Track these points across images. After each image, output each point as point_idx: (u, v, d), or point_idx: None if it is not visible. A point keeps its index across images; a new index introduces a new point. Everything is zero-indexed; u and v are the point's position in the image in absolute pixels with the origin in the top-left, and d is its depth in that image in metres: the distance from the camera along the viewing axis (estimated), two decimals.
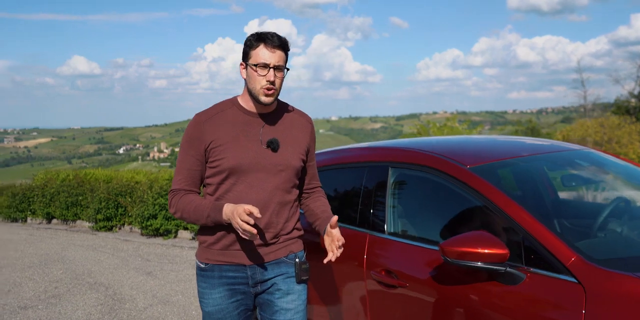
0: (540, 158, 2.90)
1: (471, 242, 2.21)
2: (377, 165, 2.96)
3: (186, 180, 2.24)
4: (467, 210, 2.61)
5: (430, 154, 2.78)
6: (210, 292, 2.27)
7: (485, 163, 2.66)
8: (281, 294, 2.27)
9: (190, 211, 2.19)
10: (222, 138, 2.19)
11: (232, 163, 2.18)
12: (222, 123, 2.22)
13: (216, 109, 2.27)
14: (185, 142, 2.24)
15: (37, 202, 12.20)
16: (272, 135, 2.24)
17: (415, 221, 2.79)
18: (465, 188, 2.53)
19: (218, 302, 2.26)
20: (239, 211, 2.01)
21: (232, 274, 2.25)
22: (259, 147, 2.21)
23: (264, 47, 2.15)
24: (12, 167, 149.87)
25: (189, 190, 2.25)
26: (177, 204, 2.23)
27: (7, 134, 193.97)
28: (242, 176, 2.20)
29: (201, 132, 2.20)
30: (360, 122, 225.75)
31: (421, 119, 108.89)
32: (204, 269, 2.28)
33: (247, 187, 2.20)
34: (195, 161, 2.23)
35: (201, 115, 2.25)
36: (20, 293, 6.04)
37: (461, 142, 3.25)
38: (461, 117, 72.98)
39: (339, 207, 3.12)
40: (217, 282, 2.26)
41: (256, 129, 2.23)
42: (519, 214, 2.31)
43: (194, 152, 2.22)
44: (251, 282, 2.26)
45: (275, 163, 2.22)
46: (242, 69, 2.23)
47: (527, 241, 2.25)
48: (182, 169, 2.25)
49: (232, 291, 2.26)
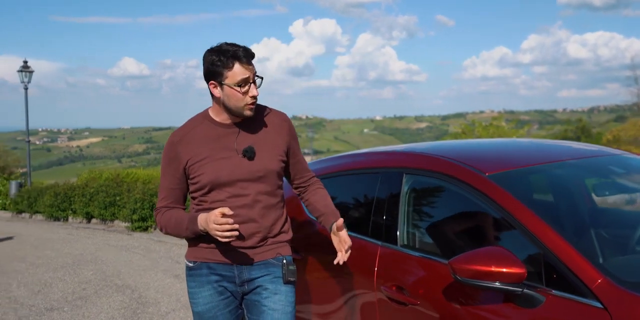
0: (569, 164, 2.64)
1: (484, 259, 1.99)
2: (390, 172, 2.76)
3: (168, 198, 2.32)
4: (484, 223, 2.39)
5: (446, 159, 2.56)
6: (199, 290, 2.30)
7: (506, 170, 2.43)
8: (268, 293, 2.29)
9: (172, 226, 2.28)
10: (197, 155, 2.23)
11: (211, 178, 2.22)
12: (196, 140, 2.25)
13: (188, 127, 2.29)
14: (165, 162, 2.30)
15: (78, 201, 12.42)
16: (248, 142, 2.25)
17: (430, 233, 2.57)
18: (482, 198, 2.30)
19: (208, 300, 2.29)
20: (211, 218, 2.05)
21: (221, 272, 2.29)
22: (235, 157, 2.23)
23: (240, 65, 2.13)
24: (65, 165, 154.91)
25: (172, 207, 2.32)
26: (161, 221, 2.31)
27: (60, 134, 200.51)
28: (223, 187, 2.24)
29: (176, 153, 2.25)
30: (405, 121, 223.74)
31: (467, 118, 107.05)
32: (192, 268, 2.32)
33: (230, 196, 2.24)
34: (174, 180, 2.29)
35: (174, 135, 2.29)
36: (48, 294, 6.07)
37: (485, 146, 3.01)
38: (509, 116, 71.43)
39: (350, 216, 2.93)
40: (206, 279, 2.29)
41: (231, 139, 2.25)
42: (539, 228, 2.07)
43: (173, 171, 2.28)
44: (238, 281, 2.29)
45: (253, 170, 2.24)
46: (212, 88, 2.20)
47: (548, 259, 2.01)
48: (164, 188, 2.33)
49: (221, 288, 2.29)
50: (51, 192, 13.54)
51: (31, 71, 17.30)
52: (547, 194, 2.58)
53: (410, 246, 2.55)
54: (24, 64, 17.21)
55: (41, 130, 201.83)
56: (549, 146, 3.02)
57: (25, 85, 17.22)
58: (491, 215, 2.29)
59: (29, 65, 17.24)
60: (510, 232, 2.19)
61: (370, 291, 2.55)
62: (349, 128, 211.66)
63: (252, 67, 2.16)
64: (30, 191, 15.08)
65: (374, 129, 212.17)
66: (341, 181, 3.08)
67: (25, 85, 17.22)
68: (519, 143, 3.11)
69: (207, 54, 2.16)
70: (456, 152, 2.71)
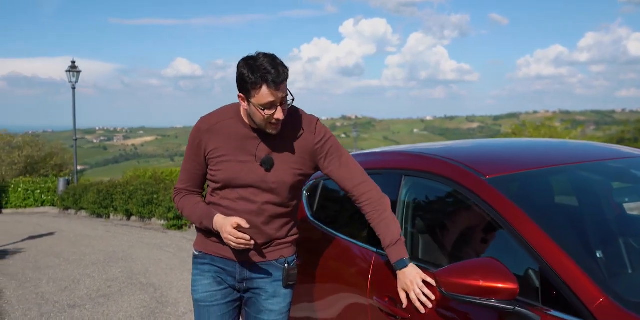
0: (583, 167, 2.38)
1: (471, 272, 1.79)
2: (389, 173, 2.57)
3: (189, 181, 2.35)
4: (481, 231, 2.17)
5: (445, 160, 2.36)
6: (200, 278, 2.35)
7: (509, 173, 2.20)
8: (267, 296, 2.32)
9: (188, 212, 2.34)
10: (219, 149, 2.22)
11: (226, 176, 2.22)
12: (222, 134, 2.22)
13: (218, 117, 2.25)
14: (189, 146, 2.31)
15: (118, 199, 12.62)
16: (268, 151, 2.20)
17: (426, 241, 2.37)
18: (480, 203, 2.09)
19: (207, 289, 2.33)
20: (227, 228, 2.12)
21: (222, 266, 2.32)
22: (253, 163, 2.21)
23: (267, 88, 2.02)
24: (120, 163, 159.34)
25: (191, 190, 2.36)
26: (179, 202, 2.38)
27: (116, 133, 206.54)
28: (235, 188, 2.24)
29: (201, 140, 2.25)
30: (456, 121, 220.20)
31: (520, 118, 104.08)
32: (197, 256, 2.38)
33: (239, 198, 2.24)
34: (196, 165, 2.30)
35: (203, 122, 2.26)
36: (74, 291, 6.12)
37: (496, 146, 2.78)
38: (564, 117, 68.94)
39: (347, 220, 2.76)
40: (207, 268, 2.34)
41: (253, 144, 2.21)
42: (537, 238, 1.86)
43: (196, 157, 2.29)
44: (238, 277, 2.32)
45: (267, 181, 2.21)
46: (241, 100, 2.14)
47: (546, 274, 1.79)
48: (186, 170, 2.35)
49: (220, 280, 2.33)
50: (95, 190, 13.81)
51: (79, 71, 17.72)
52: (555, 200, 2.34)
53: None
54: (71, 64, 17.63)
55: (98, 129, 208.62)
56: (568, 147, 2.76)
57: (73, 85, 17.65)
58: (488, 222, 2.07)
59: (76, 66, 17.66)
60: (507, 243, 1.98)
61: (364, 300, 2.38)
62: (399, 128, 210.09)
63: (282, 91, 2.04)
64: (76, 188, 15.45)
65: (424, 129, 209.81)
66: None
67: (73, 85, 17.65)
68: (535, 143, 2.86)
69: (241, 64, 2.05)
70: (459, 153, 2.50)
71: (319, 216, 2.91)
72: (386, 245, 2.16)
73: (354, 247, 2.58)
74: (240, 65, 2.05)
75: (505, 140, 2.92)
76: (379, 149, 3.03)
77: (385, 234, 2.16)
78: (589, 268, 1.76)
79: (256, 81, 2.00)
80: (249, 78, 2.01)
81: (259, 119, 2.10)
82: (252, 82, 2.01)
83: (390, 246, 2.15)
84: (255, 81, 2.00)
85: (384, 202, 2.22)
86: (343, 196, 2.89)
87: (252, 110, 2.09)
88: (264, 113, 2.05)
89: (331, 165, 2.25)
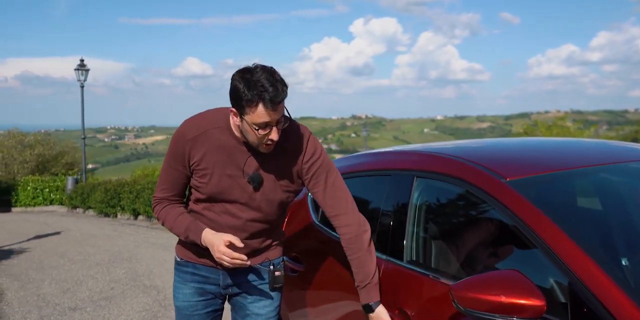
0: (616, 168, 2.19)
1: (492, 286, 1.61)
2: (400, 174, 2.39)
3: (171, 190, 2.18)
4: (501, 239, 1.99)
5: (461, 161, 2.17)
6: (181, 286, 2.27)
7: (532, 175, 2.01)
8: (253, 299, 2.26)
9: (170, 223, 2.19)
10: (205, 161, 2.06)
11: (212, 190, 2.09)
12: (209, 144, 2.05)
13: (205, 125, 2.06)
14: (172, 154, 2.13)
15: (125, 198, 12.51)
16: (256, 167, 2.06)
17: (439, 248, 2.18)
18: (500, 208, 1.90)
19: (187, 298, 2.25)
20: (220, 248, 2.00)
21: (205, 274, 2.23)
22: (240, 179, 2.07)
23: (264, 108, 1.85)
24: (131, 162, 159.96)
25: (173, 200, 2.21)
26: (160, 213, 2.22)
27: (127, 132, 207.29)
28: (220, 202, 2.12)
29: (184, 149, 2.08)
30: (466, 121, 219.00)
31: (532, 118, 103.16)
32: (179, 263, 2.29)
33: (224, 212, 2.13)
34: (180, 175, 2.14)
35: (188, 128, 2.07)
36: (76, 292, 5.99)
37: (515, 145, 2.59)
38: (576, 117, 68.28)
39: None
40: (190, 278, 2.25)
41: (241, 158, 2.06)
42: (566, 248, 1.67)
43: (180, 167, 2.12)
44: (222, 284, 2.24)
45: (254, 198, 2.10)
46: (233, 115, 1.96)
47: (576, 288, 1.60)
48: (167, 180, 2.17)
49: (202, 290, 2.24)
50: (102, 189, 13.73)
51: (87, 69, 17.64)
52: (583, 205, 2.15)
53: (417, 263, 2.17)
54: (80, 62, 17.58)
55: (110, 128, 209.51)
56: (592, 147, 2.56)
57: (82, 83, 17.59)
58: (509, 229, 1.88)
59: (85, 64, 17.59)
60: (531, 252, 1.79)
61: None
62: (409, 128, 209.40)
63: (279, 111, 1.88)
64: (84, 187, 15.38)
65: (435, 129, 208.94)
66: (351, 184, 2.73)
67: (82, 83, 17.59)
68: (557, 143, 2.66)
69: (236, 77, 1.88)
70: (476, 153, 2.31)
71: (325, 220, 2.74)
72: (356, 286, 2.12)
73: None
74: (235, 78, 1.88)
75: (524, 139, 2.73)
76: (388, 148, 2.85)
77: (356, 274, 2.10)
78: (623, 281, 1.58)
79: (252, 99, 1.83)
80: (245, 94, 1.84)
81: (251, 138, 1.96)
82: (247, 100, 1.84)
83: (359, 288, 2.10)
84: (251, 98, 1.83)
85: (363, 238, 2.08)
86: None
87: (244, 127, 1.94)
88: (257, 133, 1.91)
89: (316, 187, 2.11)
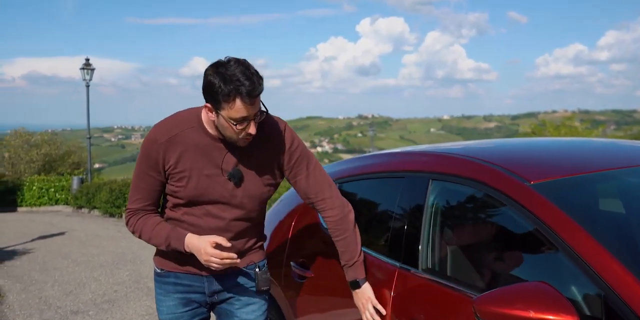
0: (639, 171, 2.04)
1: (519, 299, 1.48)
2: (415, 177, 2.25)
3: (145, 200, 2.08)
4: (525, 248, 1.85)
5: (481, 162, 2.03)
6: (164, 299, 2.17)
7: (558, 178, 1.87)
8: (241, 304, 2.18)
9: (148, 235, 2.08)
10: (181, 164, 2.00)
11: (191, 193, 2.02)
12: (183, 146, 1.99)
13: (177, 127, 2.01)
14: (143, 160, 2.04)
15: None
16: (235, 163, 2.01)
17: (456, 256, 2.04)
18: (524, 213, 1.77)
19: (172, 310, 2.16)
20: (208, 250, 1.91)
21: (188, 282, 2.14)
22: (220, 177, 2.01)
23: (241, 102, 1.81)
24: None
25: (149, 210, 2.10)
26: (135, 225, 2.11)
27: (134, 131, 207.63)
28: (201, 204, 2.05)
29: (158, 154, 2.00)
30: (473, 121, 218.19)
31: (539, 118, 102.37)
32: (159, 274, 2.18)
33: (206, 214, 2.06)
34: (154, 182, 2.05)
35: (160, 132, 2.00)
36: (79, 295, 5.87)
37: (538, 146, 2.44)
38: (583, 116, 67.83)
39: (366, 229, 2.44)
40: (172, 289, 2.15)
41: (219, 155, 2.01)
42: (598, 258, 1.53)
43: (154, 173, 2.03)
44: (208, 292, 2.15)
45: (236, 195, 2.04)
46: (207, 110, 1.91)
47: (611, 302, 1.46)
48: (141, 188, 2.07)
49: (186, 300, 2.16)
50: (107, 188, 13.63)
51: (92, 69, 17.56)
52: (615, 211, 2.01)
53: (433, 271, 2.03)
54: (85, 61, 17.51)
55: (116, 128, 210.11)
56: (621, 148, 2.41)
57: (87, 83, 17.52)
58: (534, 237, 1.75)
59: (90, 63, 17.51)
60: (559, 262, 1.65)
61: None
62: (415, 127, 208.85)
63: (256, 105, 1.85)
64: (89, 187, 15.29)
65: (441, 129, 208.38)
66: (361, 186, 2.60)
67: (87, 83, 17.52)
68: (582, 143, 2.52)
69: (210, 72, 1.83)
70: (497, 154, 2.17)
71: None
72: (343, 265, 2.14)
73: (373, 260, 2.27)
74: (209, 73, 1.83)
75: (539, 139, 2.58)
76: (400, 149, 2.71)
77: (344, 253, 2.13)
78: None
79: (229, 93, 1.79)
80: (221, 89, 1.80)
81: (229, 133, 1.92)
82: (224, 95, 1.80)
83: (346, 266, 2.13)
84: (228, 93, 1.79)
85: (349, 219, 2.12)
86: (360, 201, 2.58)
87: (221, 123, 1.90)
88: (235, 128, 1.87)
89: (298, 175, 2.10)
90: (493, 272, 1.92)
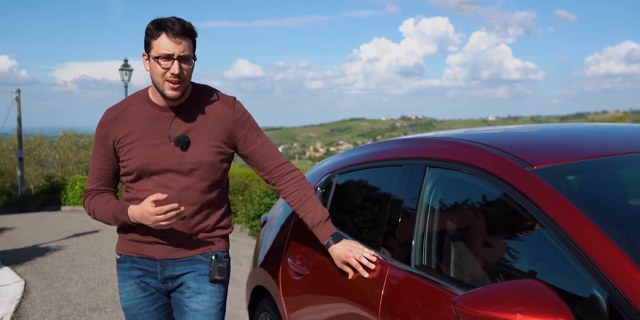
0: None
1: (505, 300, 1.26)
2: (411, 164, 2.04)
3: (99, 180, 2.14)
4: (524, 240, 1.62)
5: (481, 146, 1.81)
6: (124, 285, 2.16)
7: (564, 163, 1.64)
8: (191, 292, 2.09)
9: (100, 213, 2.12)
10: (128, 137, 2.05)
11: (139, 163, 2.04)
12: (129, 120, 2.07)
13: (124, 105, 2.11)
14: (95, 141, 2.14)
15: None
16: (183, 129, 2.04)
17: (455, 252, 1.82)
18: (524, 202, 1.54)
19: (131, 296, 2.14)
20: (150, 210, 1.90)
21: (142, 267, 2.13)
22: (167, 145, 2.03)
23: (166, 37, 1.92)
24: None
25: (102, 190, 2.15)
26: (89, 205, 2.15)
27: None
28: (151, 176, 2.05)
29: (107, 131, 2.08)
30: (520, 122, 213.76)
31: (588, 118, 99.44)
32: (119, 260, 2.19)
33: (156, 186, 2.04)
34: (106, 160, 2.11)
35: (108, 112, 2.12)
36: (100, 292, 5.84)
37: (547, 131, 2.20)
38: (636, 117, 65.64)
39: (359, 223, 2.24)
40: (128, 274, 2.15)
41: (165, 124, 2.04)
42: (603, 252, 1.30)
43: (104, 151, 2.10)
44: (160, 277, 2.11)
45: (184, 162, 2.03)
46: (144, 60, 2.03)
47: (617, 304, 1.23)
48: (95, 168, 2.15)
49: (143, 284, 2.14)
50: None
51: (131, 70, 17.89)
52: (627, 200, 1.75)
53: (426, 268, 1.82)
54: (124, 62, 17.85)
55: None
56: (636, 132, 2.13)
57: (126, 84, 17.86)
58: (534, 227, 1.52)
59: (128, 64, 17.85)
60: (559, 256, 1.41)
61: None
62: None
63: (183, 44, 1.94)
64: None
65: None
66: (356, 176, 2.41)
67: (126, 84, 17.86)
68: (596, 128, 2.25)
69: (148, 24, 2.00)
70: (500, 139, 1.95)
71: (333, 218, 2.42)
72: (316, 223, 2.07)
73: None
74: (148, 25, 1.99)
75: (551, 125, 2.33)
76: (405, 136, 2.50)
77: (315, 212, 2.08)
78: None
79: (156, 31, 1.94)
80: (150, 30, 1.95)
81: (155, 75, 1.97)
82: (151, 34, 1.95)
83: (321, 223, 2.07)
84: (155, 31, 1.94)
85: (308, 183, 2.14)
86: (362, 194, 2.39)
87: (151, 66, 1.98)
88: (161, 65, 1.93)
89: (253, 144, 2.11)
90: (492, 269, 1.69)
